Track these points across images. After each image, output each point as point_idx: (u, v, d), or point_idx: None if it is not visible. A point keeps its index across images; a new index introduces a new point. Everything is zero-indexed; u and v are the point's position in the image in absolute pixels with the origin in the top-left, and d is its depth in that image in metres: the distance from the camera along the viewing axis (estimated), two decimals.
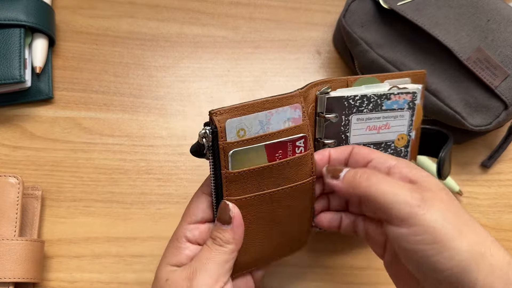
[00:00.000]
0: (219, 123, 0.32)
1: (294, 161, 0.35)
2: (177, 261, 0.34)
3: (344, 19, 0.50)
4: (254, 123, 0.33)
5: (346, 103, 0.38)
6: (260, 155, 0.34)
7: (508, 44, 0.44)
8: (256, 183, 0.34)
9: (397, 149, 0.40)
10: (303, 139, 0.35)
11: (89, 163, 0.47)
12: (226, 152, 0.33)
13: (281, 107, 0.34)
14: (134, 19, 0.53)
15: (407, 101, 0.39)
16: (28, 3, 0.47)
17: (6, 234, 0.41)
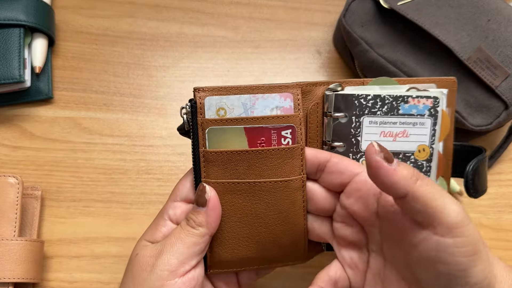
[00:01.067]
0: (199, 99, 0.32)
1: (279, 152, 0.33)
2: (152, 237, 0.34)
3: (344, 18, 0.50)
4: (236, 104, 0.33)
5: (357, 102, 0.35)
6: (240, 139, 0.33)
7: (508, 44, 0.44)
8: (235, 169, 0.33)
9: (418, 162, 0.36)
10: (290, 129, 0.33)
11: (89, 163, 0.47)
12: (204, 128, 0.32)
13: (269, 94, 0.33)
14: (134, 19, 0.53)
15: (428, 107, 0.35)
16: (27, 3, 0.47)
17: (6, 234, 0.40)
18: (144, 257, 0.32)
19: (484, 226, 0.48)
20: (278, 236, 0.34)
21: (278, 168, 0.33)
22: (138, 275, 0.32)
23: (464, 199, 0.49)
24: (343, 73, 0.54)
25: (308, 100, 0.35)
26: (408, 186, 0.28)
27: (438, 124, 0.36)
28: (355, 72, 0.52)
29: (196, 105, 0.32)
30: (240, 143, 0.33)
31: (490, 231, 0.48)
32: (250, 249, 0.34)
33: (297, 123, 0.33)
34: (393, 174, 0.28)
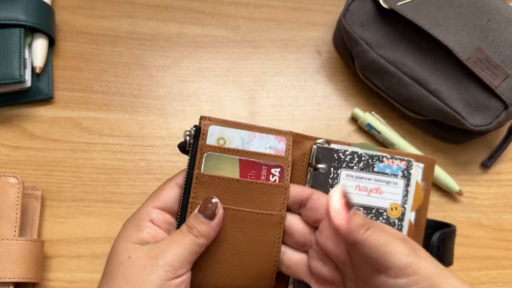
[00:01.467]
0: (204, 126, 0.36)
1: (266, 187, 0.36)
2: (140, 238, 0.34)
3: (344, 19, 0.50)
4: (236, 137, 0.36)
5: (336, 155, 0.39)
6: (233, 168, 0.36)
7: (508, 44, 0.44)
8: (223, 195, 0.36)
9: (390, 219, 0.38)
10: (279, 168, 0.37)
11: (89, 163, 0.47)
12: (203, 153, 0.36)
13: (266, 134, 0.37)
14: (134, 19, 0.53)
15: (402, 168, 0.38)
16: (28, 3, 0.47)
17: (6, 234, 0.41)
18: (140, 259, 0.33)
19: (484, 226, 0.48)
20: (249, 266, 0.36)
21: (262, 202, 0.36)
22: (135, 276, 0.32)
23: (464, 199, 0.49)
24: (343, 73, 0.54)
25: (297, 149, 0.39)
26: (358, 235, 0.31)
27: (411, 186, 0.39)
28: (355, 72, 0.52)
29: (200, 130, 0.36)
30: (233, 172, 0.36)
31: (490, 231, 0.48)
32: (221, 274, 0.36)
33: (286, 164, 0.37)
34: (347, 221, 0.31)
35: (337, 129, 0.51)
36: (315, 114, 0.52)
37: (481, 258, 0.47)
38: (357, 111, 0.51)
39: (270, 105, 0.52)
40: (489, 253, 0.47)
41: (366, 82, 0.51)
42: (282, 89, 0.52)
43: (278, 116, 0.51)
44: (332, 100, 0.52)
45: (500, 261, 0.47)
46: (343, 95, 0.53)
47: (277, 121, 0.51)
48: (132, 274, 0.32)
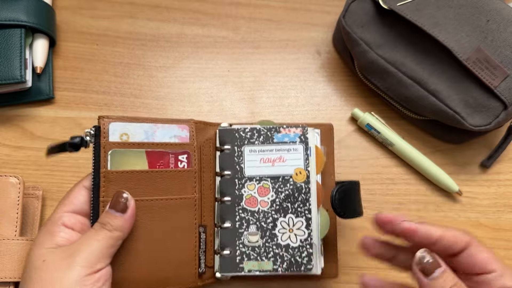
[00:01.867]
0: (103, 125, 0.36)
1: (175, 173, 0.37)
2: (54, 242, 0.34)
3: (344, 19, 0.50)
4: (138, 131, 0.37)
5: (237, 134, 0.41)
6: (141, 161, 0.37)
7: (507, 44, 0.45)
8: (134, 188, 0.36)
9: (297, 184, 0.40)
10: (186, 154, 0.38)
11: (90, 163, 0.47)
12: (107, 151, 0.36)
13: (168, 124, 0.38)
14: (134, 20, 0.54)
15: (298, 135, 0.41)
16: (28, 4, 0.47)
17: (7, 233, 0.41)
18: (56, 261, 0.33)
19: (483, 225, 0.49)
20: (169, 254, 0.37)
21: (174, 187, 0.38)
22: (50, 277, 0.32)
23: (463, 199, 0.49)
24: (343, 74, 0.54)
25: (202, 136, 0.41)
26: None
27: (310, 150, 0.41)
28: (354, 72, 0.52)
29: (99, 130, 0.36)
30: (141, 165, 0.37)
31: (489, 230, 0.48)
32: (141, 266, 0.36)
33: (192, 150, 0.39)
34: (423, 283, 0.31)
35: (337, 129, 0.51)
36: (315, 114, 0.52)
37: None
38: (356, 111, 0.51)
39: (270, 105, 0.52)
40: None
41: (365, 82, 0.51)
42: (282, 89, 0.53)
43: (278, 116, 0.51)
44: (331, 100, 0.53)
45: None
46: (343, 95, 0.53)
47: (276, 121, 0.51)
48: (47, 276, 0.32)
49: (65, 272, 0.32)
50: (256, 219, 0.40)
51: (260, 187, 0.40)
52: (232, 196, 0.40)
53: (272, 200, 0.40)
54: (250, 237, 0.39)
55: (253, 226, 0.40)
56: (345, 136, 0.51)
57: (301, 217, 0.40)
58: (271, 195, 0.40)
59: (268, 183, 0.40)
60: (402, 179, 0.50)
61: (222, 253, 0.40)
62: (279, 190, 0.40)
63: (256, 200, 0.40)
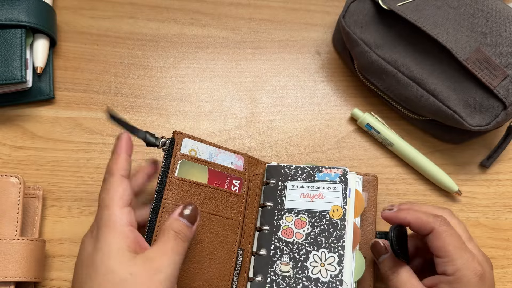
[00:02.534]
0: (178, 138, 0.41)
1: (228, 194, 0.42)
2: (126, 246, 0.33)
3: (344, 19, 0.50)
4: (205, 151, 0.42)
5: (283, 171, 0.45)
6: (202, 175, 0.41)
7: (507, 44, 0.45)
8: (193, 198, 0.40)
9: (333, 220, 0.42)
10: (239, 180, 0.43)
11: (90, 163, 0.47)
12: (177, 160, 0.40)
13: (229, 152, 0.44)
14: (134, 20, 0.54)
15: (339, 175, 0.43)
16: (29, 4, 0.47)
17: (8, 233, 0.41)
18: (142, 275, 0.31)
19: (483, 225, 0.49)
20: (208, 266, 0.39)
21: (224, 207, 0.41)
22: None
23: (463, 199, 0.49)
24: (343, 74, 0.54)
25: (252, 170, 0.45)
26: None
27: (350, 191, 0.43)
28: (354, 72, 0.52)
29: (174, 141, 0.41)
30: (202, 179, 0.41)
31: (489, 230, 0.48)
32: (188, 273, 0.38)
33: (244, 178, 0.44)
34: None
35: (336, 129, 0.51)
36: (315, 114, 0.52)
37: None
38: (356, 111, 0.51)
39: (270, 105, 0.52)
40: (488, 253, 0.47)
41: (365, 82, 0.51)
42: (282, 89, 0.53)
43: (278, 116, 0.51)
44: (331, 100, 0.53)
45: (499, 260, 0.47)
46: (343, 95, 0.53)
47: (276, 121, 0.51)
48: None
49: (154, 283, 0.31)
50: (289, 249, 0.41)
51: (297, 220, 0.42)
52: (270, 226, 0.43)
53: (307, 233, 0.42)
54: (282, 266, 0.41)
55: (286, 256, 0.41)
56: (345, 136, 0.51)
57: (333, 252, 0.40)
58: (307, 228, 0.42)
59: (306, 216, 0.42)
60: (401, 179, 0.50)
61: (254, 279, 0.41)
62: (315, 224, 0.42)
63: (292, 232, 0.42)
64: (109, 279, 0.31)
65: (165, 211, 0.38)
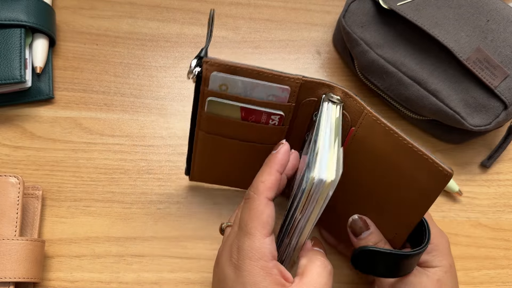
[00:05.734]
0: (205, 71, 0.34)
1: (265, 128, 0.37)
2: (277, 283, 0.31)
3: (344, 19, 0.50)
4: (239, 85, 0.35)
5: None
6: (235, 112, 0.37)
7: (507, 44, 0.45)
8: (225, 131, 0.38)
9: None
10: (279, 116, 0.37)
11: (90, 163, 0.47)
12: (205, 97, 0.36)
13: (270, 83, 0.35)
14: (134, 20, 0.54)
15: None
16: (28, 3, 0.47)
17: (7, 233, 0.41)
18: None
19: (483, 225, 0.49)
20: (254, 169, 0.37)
21: (262, 137, 0.38)
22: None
23: (463, 199, 0.49)
24: (343, 74, 0.54)
25: (306, 93, 0.37)
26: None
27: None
28: (354, 72, 0.52)
29: (201, 76, 0.35)
30: (235, 114, 0.37)
31: (489, 230, 0.48)
32: (230, 174, 0.42)
33: (287, 111, 0.37)
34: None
35: None
36: None
37: (480, 258, 0.47)
38: None
39: None
40: (488, 253, 0.47)
41: (365, 82, 0.51)
42: None
43: None
44: None
45: (499, 260, 0.47)
46: None
47: None
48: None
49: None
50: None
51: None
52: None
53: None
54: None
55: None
56: None
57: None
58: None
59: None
60: None
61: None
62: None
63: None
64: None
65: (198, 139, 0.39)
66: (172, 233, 0.45)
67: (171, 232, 0.45)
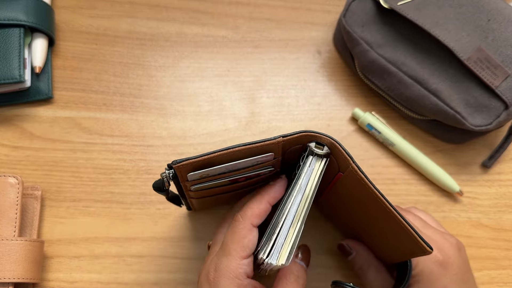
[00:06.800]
0: (180, 173, 0.32)
1: (256, 180, 0.36)
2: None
3: (345, 18, 0.50)
4: (219, 170, 0.33)
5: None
6: (222, 182, 0.35)
7: (508, 43, 0.44)
8: (217, 192, 0.37)
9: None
10: (269, 170, 0.35)
11: (89, 163, 0.47)
12: (188, 186, 0.34)
13: (250, 158, 0.33)
14: (133, 19, 0.53)
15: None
16: (27, 3, 0.47)
17: (6, 234, 0.40)
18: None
19: (484, 226, 0.48)
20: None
21: (254, 183, 0.37)
22: None
23: (464, 199, 0.49)
24: (343, 73, 0.54)
25: (291, 144, 0.34)
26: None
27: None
28: (355, 72, 0.52)
29: (177, 176, 0.33)
30: (224, 183, 0.35)
31: (490, 231, 0.48)
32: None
33: (276, 164, 0.35)
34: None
35: (337, 129, 0.51)
36: (315, 114, 0.52)
37: (481, 258, 0.47)
38: (357, 111, 0.51)
39: (270, 105, 0.52)
40: (489, 253, 0.47)
41: (366, 82, 0.51)
42: (282, 89, 0.52)
43: (278, 116, 0.51)
44: (332, 100, 0.52)
45: (500, 261, 0.47)
46: (343, 95, 0.53)
47: (277, 121, 0.51)
48: None
49: None
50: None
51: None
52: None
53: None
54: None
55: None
56: (346, 136, 0.51)
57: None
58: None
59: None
60: (403, 180, 0.50)
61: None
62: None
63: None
64: None
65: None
66: (172, 234, 0.45)
67: (170, 232, 0.45)
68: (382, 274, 0.39)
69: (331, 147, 0.34)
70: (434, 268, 0.36)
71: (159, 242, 0.44)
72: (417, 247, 0.32)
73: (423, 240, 0.31)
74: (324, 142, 0.34)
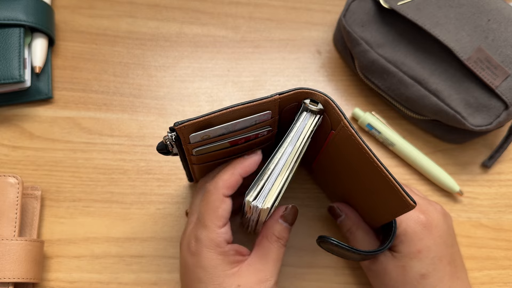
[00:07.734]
0: (183, 135, 0.33)
1: (255, 142, 0.37)
2: (233, 262, 0.35)
3: (345, 18, 0.50)
4: (219, 131, 0.34)
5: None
6: (223, 145, 0.36)
7: (508, 44, 0.44)
8: (217, 157, 0.38)
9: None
10: (267, 130, 0.37)
11: (89, 163, 0.47)
12: (190, 150, 0.35)
13: (249, 116, 0.34)
14: (133, 19, 0.53)
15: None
16: (27, 3, 0.47)
17: (6, 234, 0.40)
18: (250, 285, 0.34)
19: (484, 226, 0.48)
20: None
21: (254, 146, 0.38)
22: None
23: (464, 199, 0.49)
24: (343, 73, 0.54)
25: (287, 102, 0.36)
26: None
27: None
28: (355, 72, 0.52)
29: (179, 138, 0.34)
30: (224, 146, 0.36)
31: (490, 231, 0.48)
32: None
33: (273, 124, 0.37)
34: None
35: None
36: None
37: (482, 258, 0.47)
38: (357, 111, 0.51)
39: None
40: (490, 253, 0.47)
41: (366, 82, 0.51)
42: (282, 88, 0.52)
43: None
44: None
45: (501, 261, 0.47)
46: (343, 95, 0.53)
47: None
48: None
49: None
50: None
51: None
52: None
53: None
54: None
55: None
56: None
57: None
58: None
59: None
60: (403, 179, 0.50)
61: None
62: None
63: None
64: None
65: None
66: (172, 234, 0.45)
67: (170, 232, 0.45)
68: (370, 236, 0.40)
69: (325, 104, 0.35)
70: (417, 228, 0.37)
71: (159, 242, 0.44)
72: (402, 202, 0.32)
73: (407, 194, 0.32)
74: (318, 99, 0.35)
